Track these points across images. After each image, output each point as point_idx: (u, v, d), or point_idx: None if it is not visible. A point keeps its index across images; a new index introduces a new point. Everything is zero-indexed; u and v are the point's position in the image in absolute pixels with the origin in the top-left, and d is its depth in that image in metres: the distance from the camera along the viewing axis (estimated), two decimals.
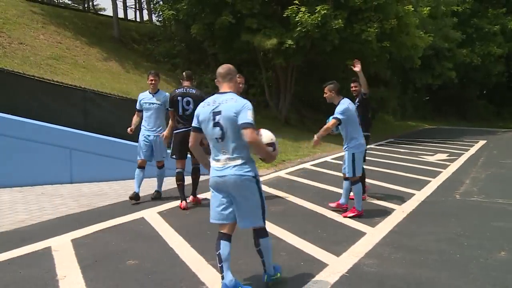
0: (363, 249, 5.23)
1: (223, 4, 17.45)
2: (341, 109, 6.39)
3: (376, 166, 11.62)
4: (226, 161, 3.84)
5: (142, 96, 7.74)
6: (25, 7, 19.92)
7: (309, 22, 16.04)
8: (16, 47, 15.68)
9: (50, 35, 18.44)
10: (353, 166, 6.55)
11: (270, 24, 17.44)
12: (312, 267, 4.63)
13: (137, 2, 38.36)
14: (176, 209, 7.11)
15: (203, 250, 5.08)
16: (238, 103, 3.81)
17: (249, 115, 3.76)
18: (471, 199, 8.05)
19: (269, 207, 7.03)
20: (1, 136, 8.51)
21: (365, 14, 17.17)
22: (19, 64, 13.95)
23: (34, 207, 7.11)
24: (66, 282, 4.22)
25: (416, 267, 4.69)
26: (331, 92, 6.53)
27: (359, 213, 6.57)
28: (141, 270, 4.52)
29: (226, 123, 3.78)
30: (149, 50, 22.80)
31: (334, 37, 16.70)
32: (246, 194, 3.87)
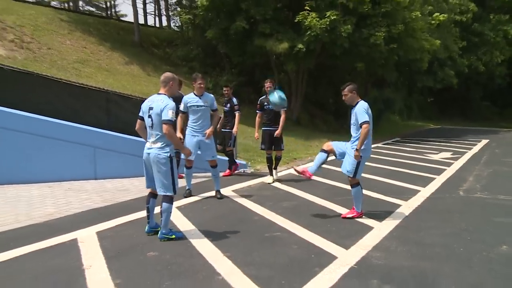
0: (371, 242, 5.22)
1: (238, 10, 17.48)
2: (363, 110, 6.00)
3: (383, 163, 11.57)
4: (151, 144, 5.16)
5: (188, 98, 7.55)
6: (53, 15, 20.15)
7: (318, 26, 16.01)
8: (45, 52, 15.88)
9: (76, 40, 18.63)
10: (356, 168, 6.14)
11: (282, 29, 17.44)
12: (322, 259, 4.63)
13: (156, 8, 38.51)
14: (193, 204, 7.14)
15: (219, 242, 5.11)
16: (164, 103, 5.07)
17: (169, 113, 4.99)
18: (474, 196, 7.98)
19: (281, 203, 7.12)
20: (31, 135, 8.61)
21: (373, 20, 17.08)
22: (47, 68, 14.12)
23: (62, 202, 7.18)
24: (92, 272, 4.26)
25: (421, 259, 4.67)
26: (352, 93, 6.17)
27: (358, 214, 6.29)
28: (161, 261, 4.55)
29: (155, 117, 5.06)
30: (167, 54, 22.92)
31: (343, 41, 16.63)
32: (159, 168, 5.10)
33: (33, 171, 8.67)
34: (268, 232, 5.62)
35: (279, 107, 8.34)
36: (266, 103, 8.90)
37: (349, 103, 6.27)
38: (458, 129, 27.39)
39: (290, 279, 4.13)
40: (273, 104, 8.25)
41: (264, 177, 9.44)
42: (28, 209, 6.68)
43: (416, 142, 18.59)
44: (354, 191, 6.29)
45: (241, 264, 4.45)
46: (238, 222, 6.10)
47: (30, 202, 7.14)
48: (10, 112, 8.57)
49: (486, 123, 32.45)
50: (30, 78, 9.84)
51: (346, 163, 6.27)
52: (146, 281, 4.07)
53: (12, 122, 8.51)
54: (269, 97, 8.23)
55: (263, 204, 7.07)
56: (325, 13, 16.18)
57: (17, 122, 8.56)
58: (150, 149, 5.15)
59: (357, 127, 6.09)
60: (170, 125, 4.99)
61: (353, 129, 6.21)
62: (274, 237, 5.44)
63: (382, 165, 11.33)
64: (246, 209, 6.81)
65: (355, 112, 6.13)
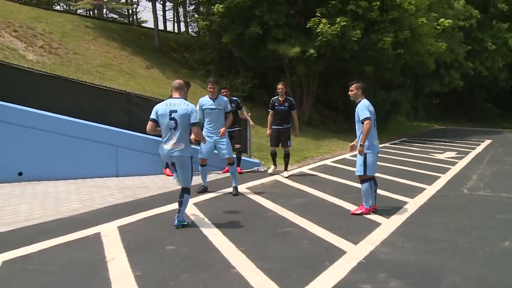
0: (379, 238, 5.18)
1: (252, 16, 17.47)
2: (363, 107, 6.01)
3: (391, 162, 11.48)
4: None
5: (202, 101, 7.64)
6: (79, 22, 20.36)
7: (329, 32, 15.96)
8: (71, 57, 16.04)
9: (100, 45, 18.78)
10: (364, 165, 6.08)
11: (294, 34, 17.38)
12: (332, 254, 4.60)
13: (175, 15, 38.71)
14: (209, 200, 7.15)
15: (233, 237, 5.11)
16: (189, 106, 5.36)
17: (197, 116, 5.38)
18: (477, 193, 7.89)
19: (293, 200, 7.10)
20: (58, 135, 8.69)
21: (381, 25, 16.97)
22: (73, 71, 14.25)
23: (86, 197, 7.24)
24: (114, 263, 4.29)
25: (427, 254, 4.62)
26: (358, 90, 6.17)
27: (367, 210, 6.19)
28: (179, 255, 4.56)
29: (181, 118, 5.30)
30: (185, 58, 22.99)
31: (353, 46, 16.55)
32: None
33: (59, 168, 8.75)
34: (280, 227, 5.61)
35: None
36: (277, 103, 9.29)
37: (353, 99, 6.31)
38: (463, 129, 27.08)
39: (301, 272, 4.12)
40: None
41: (277, 175, 9.44)
42: (55, 204, 6.75)
43: (422, 142, 18.43)
44: (362, 188, 6.21)
45: (254, 258, 4.44)
46: (252, 217, 6.10)
47: (57, 197, 7.21)
48: (40, 114, 8.66)
49: (489, 124, 32.05)
50: (58, 82, 9.91)
51: (356, 164, 6.23)
52: (164, 273, 4.08)
53: (40, 122, 8.60)
54: None
55: (275, 200, 7.06)
56: (335, 19, 16.11)
57: (45, 122, 8.64)
58: (172, 151, 5.36)
59: (359, 124, 6.08)
60: (199, 126, 5.54)
61: (357, 127, 6.20)
62: (286, 232, 5.42)
63: (390, 164, 11.25)
64: (259, 206, 6.81)
65: (356, 110, 6.13)
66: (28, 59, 13.97)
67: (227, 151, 7.49)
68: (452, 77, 28.37)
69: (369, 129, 5.93)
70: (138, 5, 47.31)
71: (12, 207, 6.54)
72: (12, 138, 8.40)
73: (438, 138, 20.29)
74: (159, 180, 8.86)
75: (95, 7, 34.88)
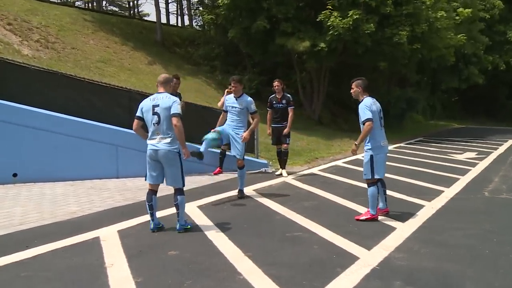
0: (393, 243, 5.15)
1: (259, 9, 17.46)
2: (364, 107, 5.96)
3: (406, 163, 11.43)
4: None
5: (228, 98, 7.72)
6: (77, 15, 20.42)
7: (341, 26, 15.91)
8: (69, 52, 16.10)
9: (99, 40, 18.85)
10: (371, 167, 6.06)
11: (304, 28, 17.34)
12: (344, 260, 4.59)
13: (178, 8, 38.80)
14: (214, 203, 7.16)
15: (239, 242, 5.10)
16: (171, 99, 5.39)
17: (178, 107, 5.31)
18: (500, 197, 7.83)
19: (302, 202, 7.09)
20: (54, 134, 8.73)
21: (396, 19, 16.88)
22: (71, 67, 14.31)
23: (84, 200, 7.27)
24: (114, 270, 4.29)
25: (445, 261, 4.59)
26: (358, 88, 6.14)
27: (372, 216, 6.08)
28: (182, 260, 4.57)
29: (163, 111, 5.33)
30: (189, 54, 23.01)
31: (366, 40, 16.49)
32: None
33: (56, 169, 8.78)
34: (289, 231, 5.60)
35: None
36: (274, 101, 9.61)
37: (354, 97, 6.29)
38: (483, 128, 26.92)
39: (311, 279, 4.10)
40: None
41: (286, 177, 9.44)
42: (52, 207, 6.78)
43: (439, 142, 18.34)
44: (369, 191, 6.12)
45: (262, 264, 4.43)
46: (259, 221, 6.10)
47: (54, 200, 7.25)
48: (35, 111, 8.69)
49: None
50: (55, 78, 9.95)
51: (363, 166, 6.21)
52: (167, 279, 4.08)
53: (36, 120, 8.62)
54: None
55: (284, 203, 7.06)
56: (347, 12, 16.06)
57: (41, 121, 8.67)
58: (157, 145, 5.38)
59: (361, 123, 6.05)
60: (180, 118, 5.31)
61: (361, 126, 6.13)
62: (295, 237, 5.42)
63: (405, 165, 11.20)
64: (267, 209, 6.81)
65: (358, 110, 6.08)
66: (23, 53, 14.04)
67: (239, 153, 7.43)
68: (470, 73, 28.23)
69: (369, 131, 5.93)
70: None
71: (6, 210, 6.56)
72: (6, 137, 8.41)
73: (457, 138, 20.19)
74: None
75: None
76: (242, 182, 7.65)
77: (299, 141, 14.69)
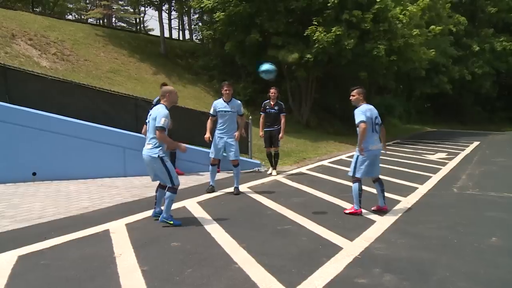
0: (373, 235, 5.17)
1: (253, 24, 17.49)
2: (359, 112, 5.93)
3: (385, 163, 11.42)
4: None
5: (217, 103, 7.56)
6: (90, 30, 20.40)
7: (325, 40, 15.97)
8: (82, 63, 16.06)
9: (109, 52, 18.81)
10: (354, 166, 6.07)
11: (293, 41, 17.38)
12: (329, 250, 4.59)
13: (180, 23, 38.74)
14: (212, 199, 7.14)
15: (235, 234, 5.09)
16: (158, 111, 5.31)
17: (161, 121, 5.23)
18: (467, 192, 7.88)
19: (292, 199, 7.09)
20: (69, 137, 8.69)
21: (375, 34, 16.96)
22: (84, 77, 14.28)
23: (95, 196, 7.24)
24: (122, 259, 4.28)
25: (419, 250, 4.61)
26: (360, 95, 6.08)
27: (355, 211, 6.07)
28: (183, 251, 4.55)
29: (151, 121, 5.36)
30: (190, 64, 22.99)
31: (347, 54, 16.56)
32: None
33: (70, 169, 8.75)
34: (280, 225, 5.60)
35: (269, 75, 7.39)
36: (268, 106, 9.59)
37: (354, 103, 6.18)
38: (453, 132, 27.03)
39: (300, 267, 4.10)
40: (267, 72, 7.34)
41: (277, 176, 9.44)
42: (67, 203, 6.74)
43: (414, 143, 18.40)
44: (352, 188, 6.15)
45: (255, 254, 4.43)
46: (253, 216, 6.09)
47: (68, 196, 7.21)
48: (52, 117, 8.68)
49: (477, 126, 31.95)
50: (69, 87, 9.96)
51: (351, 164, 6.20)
52: (170, 268, 4.07)
53: (53, 125, 8.61)
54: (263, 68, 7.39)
55: (275, 199, 7.05)
56: (331, 28, 16.10)
57: (58, 126, 8.65)
58: (143, 150, 5.50)
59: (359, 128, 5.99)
60: (161, 130, 5.27)
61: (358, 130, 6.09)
62: (285, 229, 5.41)
63: (384, 164, 11.15)
64: (260, 204, 6.80)
65: (354, 114, 6.04)
66: (42, 65, 13.99)
67: (234, 153, 7.46)
68: (440, 80, 28.51)
69: (363, 131, 5.85)
70: (145, 14, 47.41)
71: (27, 205, 6.54)
72: (26, 140, 8.40)
73: (430, 140, 20.26)
74: None
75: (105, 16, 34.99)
76: (238, 180, 7.62)
77: (289, 143, 14.70)
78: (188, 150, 9.67)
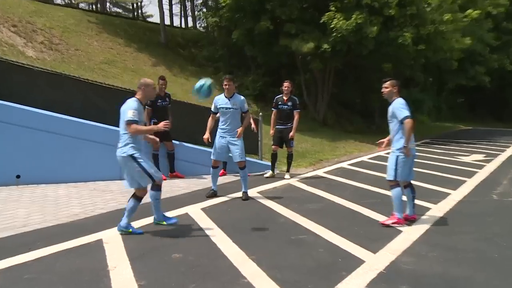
0: (400, 246, 5.11)
1: (263, 11, 17.47)
2: (400, 105, 5.85)
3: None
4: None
5: (218, 99, 7.56)
6: (82, 17, 20.52)
7: (344, 28, 15.87)
8: (72, 53, 16.16)
9: (102, 41, 18.91)
10: (395, 169, 5.91)
11: (308, 29, 17.33)
12: (349, 264, 4.55)
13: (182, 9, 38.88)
14: (218, 205, 7.13)
15: (244, 245, 5.07)
16: (126, 104, 5.47)
17: (128, 113, 5.30)
18: (509, 200, 7.78)
19: (307, 205, 7.05)
20: (57, 135, 8.72)
21: (400, 21, 16.83)
22: (75, 68, 14.36)
23: (87, 202, 7.26)
24: (116, 272, 4.27)
25: (453, 265, 4.55)
26: (393, 88, 6.01)
27: (400, 221, 5.93)
28: (185, 263, 4.54)
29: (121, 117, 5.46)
30: (193, 55, 23.05)
31: (369, 43, 16.46)
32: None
33: (59, 171, 8.77)
34: (294, 234, 5.57)
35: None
36: (280, 102, 9.50)
37: (386, 97, 6.10)
38: (491, 130, 26.81)
39: (316, 283, 4.07)
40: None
41: (290, 179, 9.40)
42: (55, 209, 6.77)
43: (445, 143, 18.27)
44: (393, 193, 5.96)
45: (266, 267, 4.40)
46: (263, 224, 6.07)
47: (57, 202, 7.23)
48: (39, 113, 8.68)
49: None
50: (58, 79, 9.97)
51: (388, 167, 6.04)
52: (170, 282, 4.05)
53: (40, 122, 8.62)
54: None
55: (288, 206, 7.02)
56: (351, 14, 16.01)
57: (45, 122, 8.66)
58: (117, 150, 5.63)
59: (395, 123, 5.92)
60: (131, 123, 5.34)
61: (392, 126, 6.02)
62: (299, 239, 5.38)
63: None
64: (271, 211, 6.77)
65: (392, 110, 5.95)
66: (28, 55, 14.09)
67: (239, 154, 7.43)
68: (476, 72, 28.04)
69: (411, 128, 5.76)
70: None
71: (9, 212, 6.56)
72: (9, 138, 8.41)
73: (464, 140, 20.12)
74: (165, 183, 8.81)
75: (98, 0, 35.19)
76: (246, 184, 7.61)
77: (304, 143, 14.65)
78: (191, 150, 9.77)
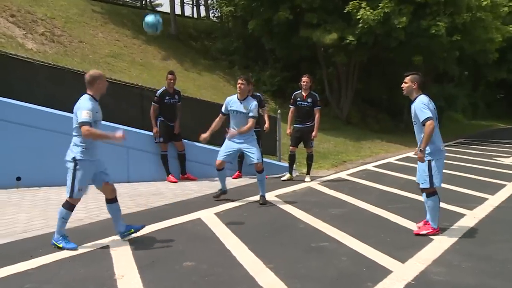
0: (431, 255, 5.09)
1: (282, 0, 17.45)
2: (422, 106, 5.72)
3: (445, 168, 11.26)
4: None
5: (230, 101, 7.56)
6: (85, 6, 20.63)
7: (371, 18, 15.77)
8: (76, 46, 16.29)
9: (108, 33, 19.05)
10: (429, 175, 5.84)
11: (331, 19, 17.26)
12: (375, 274, 4.55)
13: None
14: (233, 210, 7.17)
15: (260, 252, 5.09)
16: (79, 103, 5.36)
17: (83, 114, 5.19)
18: None
19: (329, 210, 7.06)
20: (60, 134, 8.79)
21: (433, 8, 16.66)
22: (78, 62, 14.47)
23: (93, 206, 7.33)
24: (124, 282, 4.31)
25: (490, 277, 4.52)
26: (413, 83, 5.86)
27: (434, 230, 5.84)
28: (198, 272, 4.57)
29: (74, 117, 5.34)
30: (206, 47, 23.09)
31: (399, 34, 16.32)
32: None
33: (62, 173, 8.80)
34: (315, 241, 5.58)
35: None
36: (299, 98, 9.45)
37: (406, 93, 6.01)
38: None
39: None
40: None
41: (311, 182, 9.41)
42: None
43: (482, 144, 18.08)
44: (429, 202, 5.92)
45: (284, 277, 4.42)
46: (281, 230, 6.09)
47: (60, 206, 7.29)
48: (41, 110, 8.75)
49: None
50: (61, 74, 10.01)
51: (418, 173, 5.98)
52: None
53: (40, 120, 8.67)
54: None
55: (309, 210, 7.03)
56: (378, 3, 15.90)
57: (47, 120, 8.72)
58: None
59: (418, 125, 5.83)
60: (85, 125, 5.22)
61: (415, 129, 5.95)
62: (321, 247, 5.39)
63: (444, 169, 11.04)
64: (290, 216, 6.79)
65: (414, 109, 5.87)
66: (28, 48, 14.26)
67: (257, 156, 7.41)
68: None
69: (432, 131, 5.67)
70: None
71: (9, 216, 6.63)
72: (8, 138, 8.44)
73: (503, 140, 19.88)
74: (176, 186, 8.93)
75: None
76: (263, 188, 7.62)
77: (325, 143, 14.63)
78: (204, 150, 9.81)
